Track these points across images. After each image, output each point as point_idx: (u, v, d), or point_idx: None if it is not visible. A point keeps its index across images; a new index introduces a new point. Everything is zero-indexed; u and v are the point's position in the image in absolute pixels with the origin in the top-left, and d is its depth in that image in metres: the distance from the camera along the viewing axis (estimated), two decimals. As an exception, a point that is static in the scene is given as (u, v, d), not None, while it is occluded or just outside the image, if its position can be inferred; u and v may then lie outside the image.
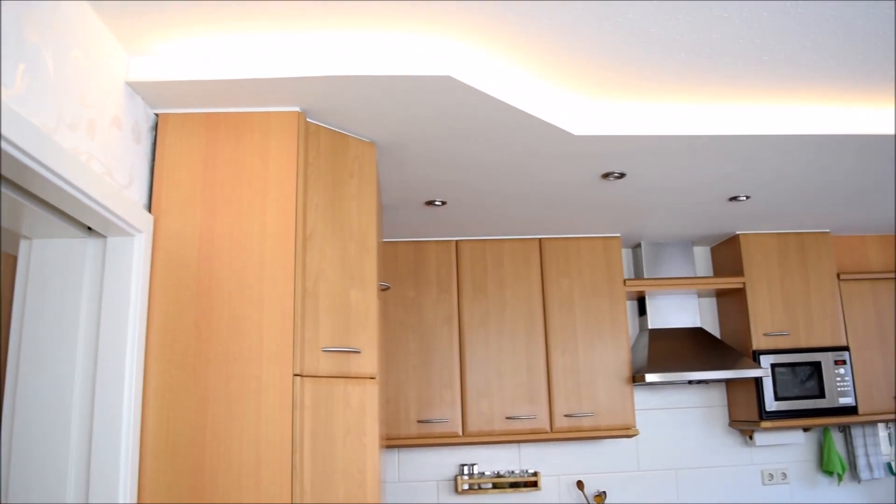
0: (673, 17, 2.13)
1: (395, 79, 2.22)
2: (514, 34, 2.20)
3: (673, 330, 4.33)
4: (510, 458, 4.26)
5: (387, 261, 4.02)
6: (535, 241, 4.15)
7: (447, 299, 4.00)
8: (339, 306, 2.39)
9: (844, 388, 4.17)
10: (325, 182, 2.45)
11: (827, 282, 4.32)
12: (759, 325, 4.20)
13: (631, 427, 3.99)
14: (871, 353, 4.31)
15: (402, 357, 3.91)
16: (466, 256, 4.08)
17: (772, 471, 4.46)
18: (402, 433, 3.83)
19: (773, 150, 2.98)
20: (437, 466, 4.20)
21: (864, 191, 3.62)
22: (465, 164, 2.99)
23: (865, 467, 4.46)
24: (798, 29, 2.22)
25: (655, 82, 2.56)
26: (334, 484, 2.26)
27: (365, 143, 2.62)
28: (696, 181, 3.34)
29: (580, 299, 4.10)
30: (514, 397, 3.93)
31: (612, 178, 3.21)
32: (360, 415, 2.38)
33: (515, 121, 2.56)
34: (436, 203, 3.48)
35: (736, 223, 4.15)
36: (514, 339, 4.00)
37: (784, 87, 2.64)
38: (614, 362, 4.05)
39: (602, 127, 2.71)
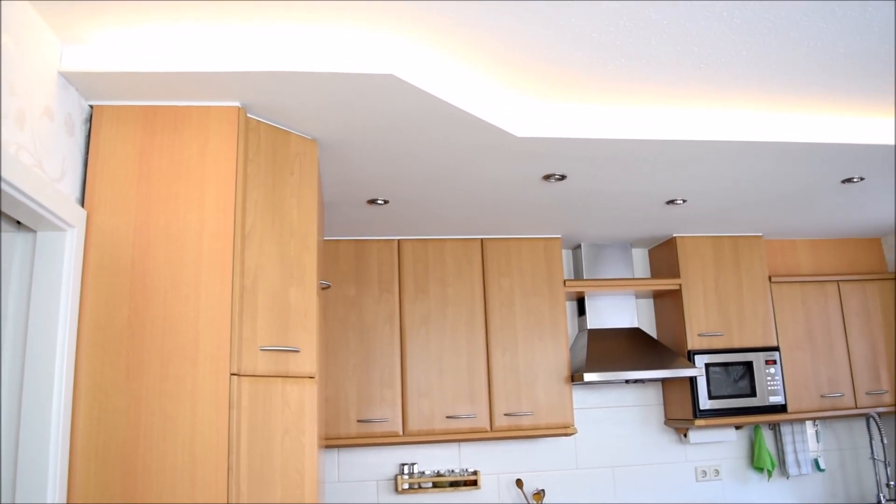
0: (614, 23, 2.16)
1: (338, 76, 2.20)
2: (459, 34, 2.20)
3: (611, 330, 4.40)
4: (450, 457, 4.27)
5: (328, 259, 3.99)
6: (476, 241, 4.17)
7: (388, 298, 3.99)
8: (278, 305, 2.36)
9: (774, 387, 4.30)
10: (265, 179, 2.42)
11: (759, 284, 4.45)
12: (694, 326, 4.30)
13: (569, 426, 4.04)
14: (800, 353, 4.45)
15: (342, 356, 3.88)
16: (408, 256, 4.07)
17: (705, 468, 4.57)
18: (341, 433, 3.80)
19: (709, 156, 3.05)
20: (378, 466, 4.19)
21: (795, 197, 3.74)
22: (407, 163, 2.99)
23: (794, 463, 4.61)
24: (734, 37, 2.28)
25: (597, 86, 2.59)
26: (272, 485, 2.23)
27: (306, 140, 2.60)
28: (635, 184, 3.40)
29: (521, 299, 4.13)
30: (455, 397, 3.94)
31: (553, 179, 3.25)
32: (298, 414, 2.35)
33: (458, 121, 2.57)
34: (378, 202, 3.46)
35: (673, 226, 4.24)
36: (455, 339, 4.01)
37: (720, 94, 2.71)
38: (554, 362, 4.10)
39: (544, 129, 2.74)
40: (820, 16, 2.17)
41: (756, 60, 2.45)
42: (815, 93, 2.74)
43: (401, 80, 2.24)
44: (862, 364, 4.53)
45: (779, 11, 2.13)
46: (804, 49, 2.38)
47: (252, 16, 2.06)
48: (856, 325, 4.59)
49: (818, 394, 4.42)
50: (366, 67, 2.19)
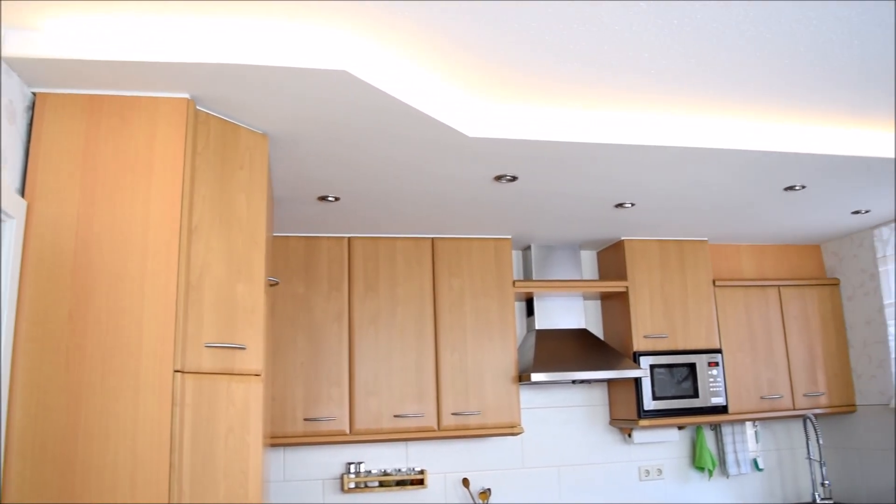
0: (568, 27, 2.18)
1: (290, 71, 2.18)
2: (412, 33, 2.20)
3: (559, 331, 4.45)
4: (397, 456, 4.26)
5: (277, 256, 3.94)
6: (427, 240, 4.17)
7: (338, 296, 3.96)
8: (225, 301, 2.33)
9: (716, 388, 4.39)
10: (214, 173, 2.38)
11: (703, 288, 4.54)
12: (640, 328, 4.37)
13: (516, 425, 4.06)
14: (741, 355, 4.55)
15: (289, 354, 3.84)
16: (359, 254, 4.05)
17: (648, 467, 4.65)
18: (288, 431, 3.76)
19: (657, 161, 3.11)
20: (324, 465, 4.16)
21: (740, 203, 3.82)
22: (359, 160, 2.97)
23: (734, 463, 4.72)
24: (684, 45, 2.32)
25: (549, 88, 2.62)
26: (215, 484, 2.20)
27: (257, 135, 2.57)
28: (585, 187, 3.44)
29: (470, 299, 4.15)
30: (403, 395, 3.93)
31: (504, 180, 3.26)
32: (243, 413, 2.32)
33: (411, 119, 2.57)
34: (329, 198, 3.44)
35: (621, 229, 4.30)
36: (404, 338, 4.01)
37: (669, 100, 2.76)
38: (502, 362, 4.12)
39: (496, 130, 2.75)
40: (766, 26, 2.22)
41: (704, 68, 2.50)
42: (760, 102, 2.80)
43: (353, 76, 2.23)
44: (800, 367, 4.66)
45: (727, 21, 2.18)
46: (750, 59, 2.43)
47: (204, 8, 2.02)
48: (795, 328, 4.72)
49: (758, 395, 4.53)
50: (318, 63, 2.17)
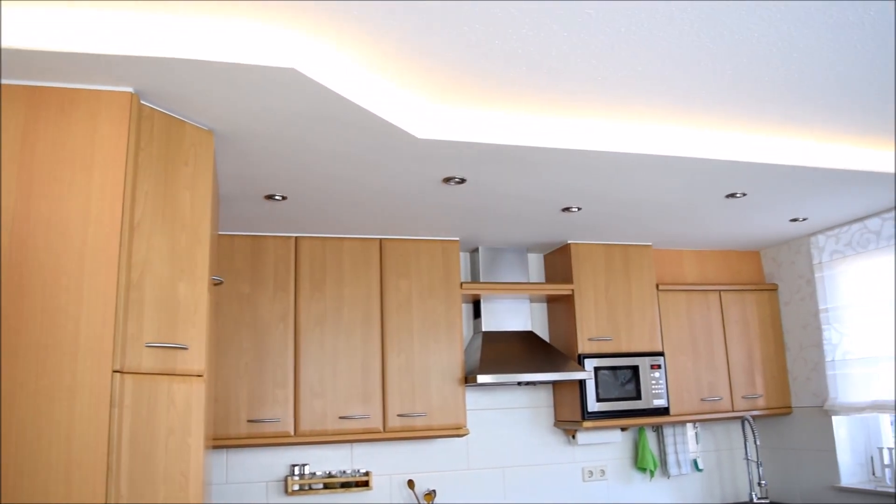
0: (517, 31, 2.20)
1: (237, 67, 2.15)
2: (362, 35, 2.19)
3: (505, 333, 4.47)
4: (342, 457, 4.24)
5: (222, 254, 3.88)
6: (375, 241, 4.15)
7: (284, 297, 3.92)
8: (167, 300, 2.28)
9: (658, 390, 4.47)
10: (157, 169, 2.34)
11: (647, 291, 4.61)
12: (585, 330, 4.42)
13: (462, 427, 4.07)
14: (683, 358, 4.65)
15: (233, 354, 3.79)
16: (306, 254, 4.01)
17: (592, 468, 4.71)
18: (231, 433, 3.71)
19: (603, 166, 3.15)
20: (267, 467, 4.10)
21: (683, 209, 3.90)
22: (307, 159, 2.94)
23: (674, 464, 4.81)
24: (629, 53, 2.36)
25: (499, 92, 2.63)
26: (154, 486, 2.15)
27: (202, 131, 2.52)
28: (532, 190, 3.47)
29: (417, 301, 4.14)
30: (349, 397, 3.91)
31: (452, 182, 3.27)
32: (185, 414, 2.28)
33: (359, 119, 2.55)
34: (276, 197, 3.40)
35: (568, 232, 4.34)
36: (350, 339, 3.98)
37: (616, 107, 2.80)
38: (448, 363, 4.13)
39: (445, 132, 2.76)
40: (709, 37, 2.27)
41: (650, 77, 2.54)
42: (703, 110, 2.86)
43: (302, 74, 2.21)
44: (739, 369, 4.78)
45: (673, 30, 2.22)
46: (694, 67, 2.48)
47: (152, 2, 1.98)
48: (735, 332, 4.83)
49: (699, 397, 4.63)
50: (267, 60, 2.14)
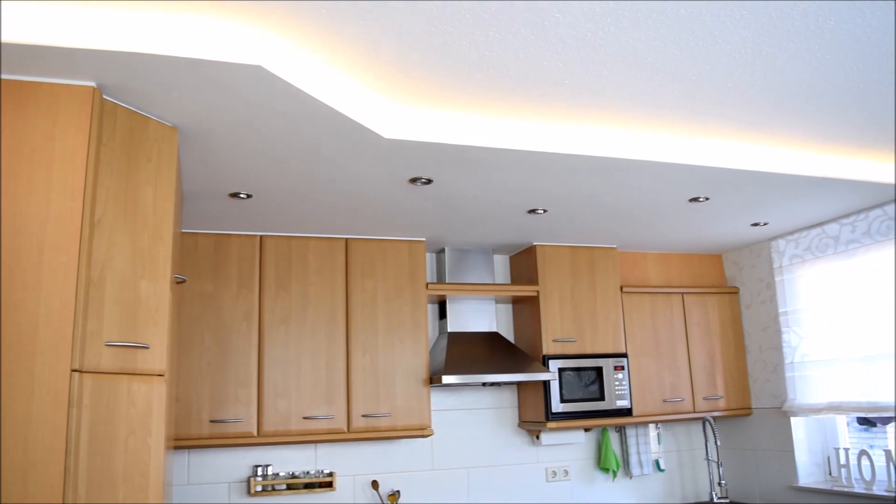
0: (485, 34, 2.21)
1: (203, 63, 2.13)
2: (330, 32, 2.18)
3: (470, 334, 4.48)
4: (306, 458, 4.21)
5: (185, 252, 3.83)
6: (341, 240, 4.13)
7: (248, 295, 3.89)
8: (128, 298, 2.25)
9: (622, 391, 4.52)
10: (120, 165, 2.30)
11: (612, 293, 4.66)
12: (550, 332, 4.45)
13: (426, 427, 4.07)
14: (645, 360, 4.70)
15: (195, 354, 3.74)
16: (270, 252, 3.98)
17: (555, 468, 4.74)
18: (193, 433, 3.66)
19: (568, 168, 3.17)
20: (230, 468, 4.06)
21: (647, 212, 3.94)
22: (273, 157, 2.92)
23: (637, 464, 4.86)
24: (595, 58, 2.38)
25: (465, 93, 2.64)
26: (113, 487, 2.12)
27: (166, 127, 2.49)
28: (499, 192, 3.48)
29: (383, 301, 4.13)
30: (313, 397, 3.88)
31: (419, 183, 3.27)
32: (145, 414, 2.25)
33: (326, 118, 2.54)
34: (241, 195, 3.37)
35: (534, 234, 4.37)
36: (315, 339, 3.96)
37: (582, 111, 2.82)
38: (413, 364, 4.12)
39: (412, 132, 2.76)
40: (674, 43, 2.30)
41: (614, 81, 2.56)
42: (667, 114, 2.90)
43: (269, 72, 2.19)
44: (701, 371, 4.84)
45: (639, 37, 2.25)
46: (659, 73, 2.51)
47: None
48: (696, 334, 4.90)
49: (661, 398, 4.68)
50: (233, 56, 2.12)
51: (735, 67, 2.49)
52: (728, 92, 2.70)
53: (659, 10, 2.11)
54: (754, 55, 2.41)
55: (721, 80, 2.59)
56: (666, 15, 2.13)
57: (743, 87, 2.66)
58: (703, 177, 3.36)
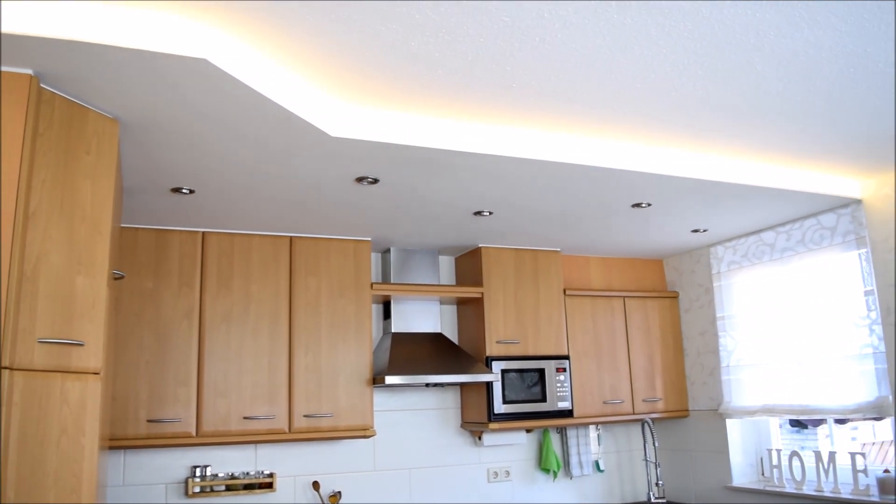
0: (434, 35, 2.21)
1: (147, 54, 2.08)
2: (278, 28, 2.16)
3: (415, 335, 4.48)
4: (246, 459, 4.15)
5: (124, 248, 3.74)
6: (285, 238, 4.09)
7: (188, 293, 3.81)
8: (62, 294, 2.19)
9: (563, 393, 4.57)
10: (56, 156, 2.23)
11: (555, 296, 4.71)
12: (493, 333, 4.47)
13: (369, 428, 4.06)
14: (587, 362, 4.76)
15: (133, 352, 3.66)
16: (213, 249, 3.92)
17: (497, 469, 4.77)
18: (129, 433, 3.58)
19: (515, 172, 3.19)
20: (167, 468, 3.98)
21: (591, 216, 4.00)
22: (217, 153, 2.88)
23: (577, 465, 4.92)
24: (543, 62, 2.40)
25: (414, 94, 2.64)
26: (44, 489, 2.06)
27: (107, 119, 2.43)
28: (445, 193, 3.49)
29: (327, 300, 4.10)
30: (254, 397, 3.83)
31: (365, 182, 3.26)
32: (79, 413, 2.19)
33: (272, 114, 2.51)
34: (183, 191, 3.30)
35: (479, 236, 4.39)
36: (257, 337, 3.91)
37: (528, 114, 2.85)
38: (356, 364, 4.10)
39: (359, 131, 2.74)
40: (620, 50, 2.34)
41: (561, 86, 2.59)
42: (611, 120, 2.94)
43: (214, 66, 2.16)
44: (640, 374, 4.93)
45: (586, 42, 2.28)
46: (605, 79, 2.55)
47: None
48: (637, 337, 4.99)
49: (601, 400, 4.75)
50: (178, 49, 2.08)
51: (678, 77, 2.55)
52: (671, 100, 2.75)
53: (606, 19, 2.14)
54: (697, 66, 2.46)
55: (665, 89, 2.64)
56: (612, 23, 2.17)
57: (686, 97, 2.72)
58: (645, 183, 3.43)
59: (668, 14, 2.13)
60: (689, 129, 3.06)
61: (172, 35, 2.09)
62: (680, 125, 3.01)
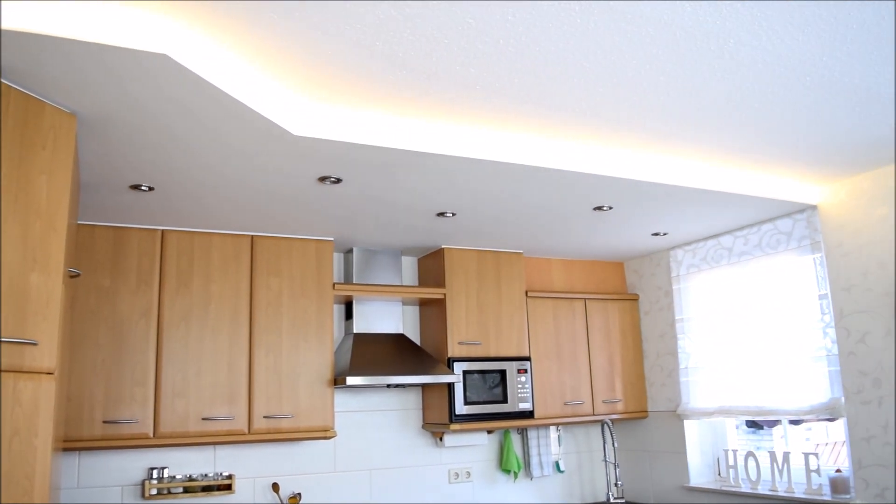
0: (398, 35, 2.21)
1: (106, 49, 2.05)
2: (241, 25, 2.14)
3: (376, 335, 4.47)
4: (204, 460, 4.10)
5: (81, 245, 3.67)
6: (247, 237, 4.05)
7: (147, 291, 3.75)
8: (15, 291, 2.14)
9: (524, 394, 4.59)
10: (11, 151, 2.18)
11: (517, 298, 4.73)
12: (455, 334, 4.48)
13: (329, 429, 4.04)
14: (548, 363, 4.79)
15: (89, 351, 3.59)
16: (172, 248, 3.86)
17: (458, 470, 4.77)
18: (84, 434, 3.51)
19: (478, 173, 3.20)
20: (124, 470, 3.91)
21: (553, 219, 4.03)
22: (177, 149, 2.84)
23: (537, 466, 4.95)
24: (508, 64, 2.42)
25: (378, 94, 2.63)
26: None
27: (64, 114, 2.38)
28: (408, 194, 3.49)
29: (288, 300, 4.07)
30: (213, 397, 3.79)
31: (328, 182, 3.24)
32: (32, 414, 2.14)
33: (234, 112, 2.49)
34: (142, 188, 3.25)
35: (442, 237, 4.39)
36: (216, 337, 3.86)
37: (492, 116, 2.86)
38: (317, 364, 4.08)
39: (322, 130, 2.73)
40: (583, 55, 2.36)
41: (525, 88, 2.61)
42: (574, 123, 2.97)
43: (175, 62, 2.13)
44: (601, 375, 4.98)
45: (549, 46, 2.29)
46: (568, 82, 2.57)
47: (7, -30, 1.86)
48: (597, 339, 5.03)
49: (562, 401, 4.79)
50: (138, 44, 2.05)
51: (640, 82, 2.58)
52: (633, 105, 2.79)
53: (569, 23, 2.16)
54: (658, 71, 2.50)
55: (627, 93, 2.67)
56: (576, 27, 2.19)
57: (648, 101, 2.75)
58: (607, 186, 3.46)
59: (631, 20, 2.16)
60: (651, 133, 3.09)
61: (133, 29, 2.06)
62: (641, 129, 3.05)
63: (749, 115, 2.93)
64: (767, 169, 3.63)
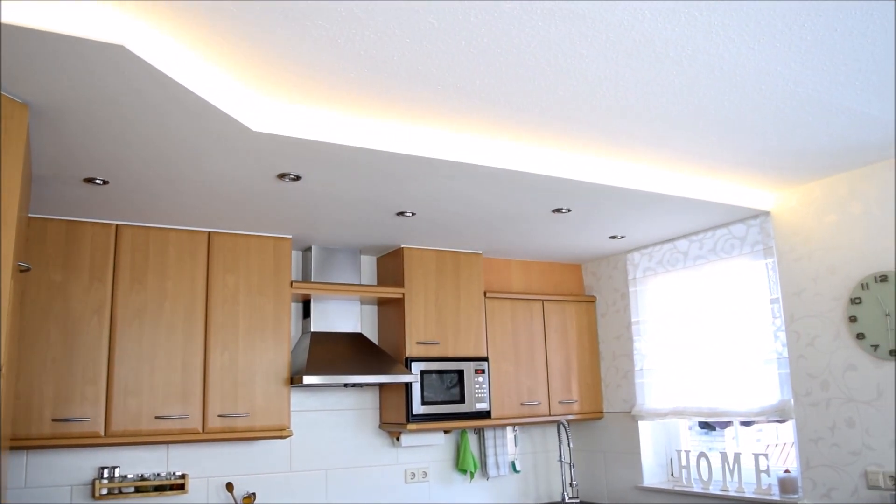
0: (360, 32, 2.20)
1: (60, 38, 2.00)
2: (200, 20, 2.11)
3: (334, 334, 4.45)
4: (157, 459, 4.03)
5: (32, 239, 3.59)
6: (203, 234, 4.00)
7: (100, 287, 3.68)
8: (-38, 285, 2.08)
9: (482, 394, 4.61)
10: (-41, 142, 2.13)
11: (475, 298, 4.75)
12: (413, 334, 4.48)
13: (285, 428, 4.00)
14: (505, 364, 4.81)
15: (39, 348, 3.51)
16: (127, 243, 3.79)
17: (414, 470, 4.77)
18: (32, 433, 3.43)
19: (437, 173, 3.21)
20: (74, 470, 3.83)
21: (512, 220, 4.05)
22: (134, 143, 2.79)
23: (494, 465, 4.97)
24: (469, 65, 2.42)
25: (339, 91, 2.62)
26: (-64, 489, 1.96)
27: (16, 103, 2.33)
28: (368, 192, 3.48)
29: (245, 297, 4.03)
30: (167, 396, 3.73)
31: (287, 179, 3.22)
32: (-23, 410, 2.09)
33: (192, 106, 2.46)
34: (97, 181, 3.19)
35: (401, 237, 4.39)
36: (171, 335, 3.80)
37: (452, 116, 2.86)
38: (274, 363, 4.04)
39: (282, 127, 2.71)
40: (545, 59, 2.38)
41: (485, 89, 2.62)
42: (534, 126, 2.99)
43: (132, 53, 2.09)
44: (557, 376, 5.02)
45: (510, 49, 2.31)
46: (529, 85, 2.59)
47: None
48: (554, 340, 5.07)
49: (519, 402, 4.82)
50: (94, 34, 2.01)
51: (600, 85, 2.61)
52: (593, 108, 2.81)
53: (531, 26, 2.17)
54: (617, 76, 2.53)
55: (586, 96, 2.70)
56: (537, 30, 2.20)
57: (607, 105, 2.79)
58: (566, 189, 3.49)
59: (592, 24, 2.18)
60: (610, 136, 3.13)
61: (90, 20, 2.02)
62: (601, 133, 3.08)
63: (705, 122, 2.98)
64: (723, 175, 3.70)
